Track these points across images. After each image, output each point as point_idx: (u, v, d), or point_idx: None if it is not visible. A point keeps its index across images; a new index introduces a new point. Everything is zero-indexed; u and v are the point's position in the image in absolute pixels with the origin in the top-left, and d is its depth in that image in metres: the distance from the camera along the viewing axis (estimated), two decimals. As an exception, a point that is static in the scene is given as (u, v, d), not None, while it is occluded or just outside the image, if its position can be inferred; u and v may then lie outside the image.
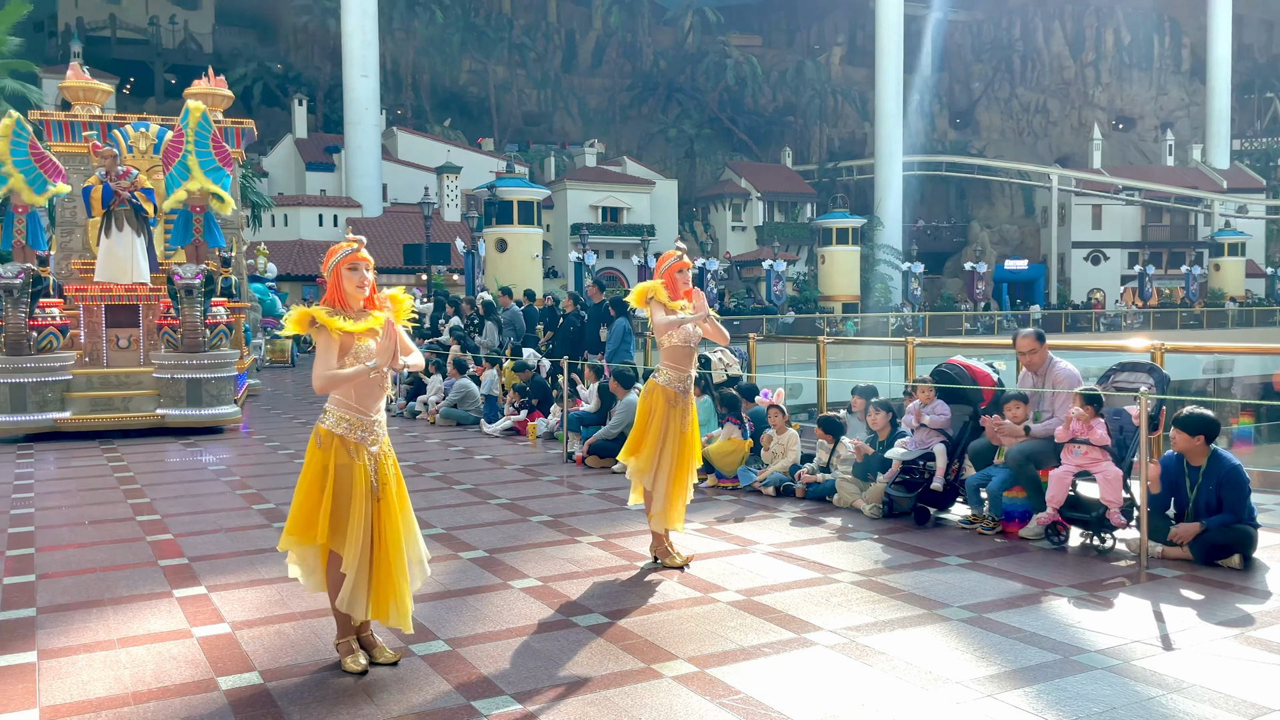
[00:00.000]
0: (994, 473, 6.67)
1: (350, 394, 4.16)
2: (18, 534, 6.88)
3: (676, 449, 5.75)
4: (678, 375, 5.79)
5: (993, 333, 42.90)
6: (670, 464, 5.74)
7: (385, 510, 4.19)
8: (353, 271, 4.15)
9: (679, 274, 5.83)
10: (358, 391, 4.16)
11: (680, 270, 5.83)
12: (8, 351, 11.76)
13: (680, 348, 5.79)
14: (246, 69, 56.16)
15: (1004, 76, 73.56)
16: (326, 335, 4.07)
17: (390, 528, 4.19)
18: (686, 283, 5.87)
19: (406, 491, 4.36)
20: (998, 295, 55.61)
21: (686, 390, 5.82)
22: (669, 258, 5.89)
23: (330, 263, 4.20)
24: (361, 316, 4.19)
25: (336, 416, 4.16)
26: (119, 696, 3.98)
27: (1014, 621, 4.77)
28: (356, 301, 4.19)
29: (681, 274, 5.84)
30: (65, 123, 14.55)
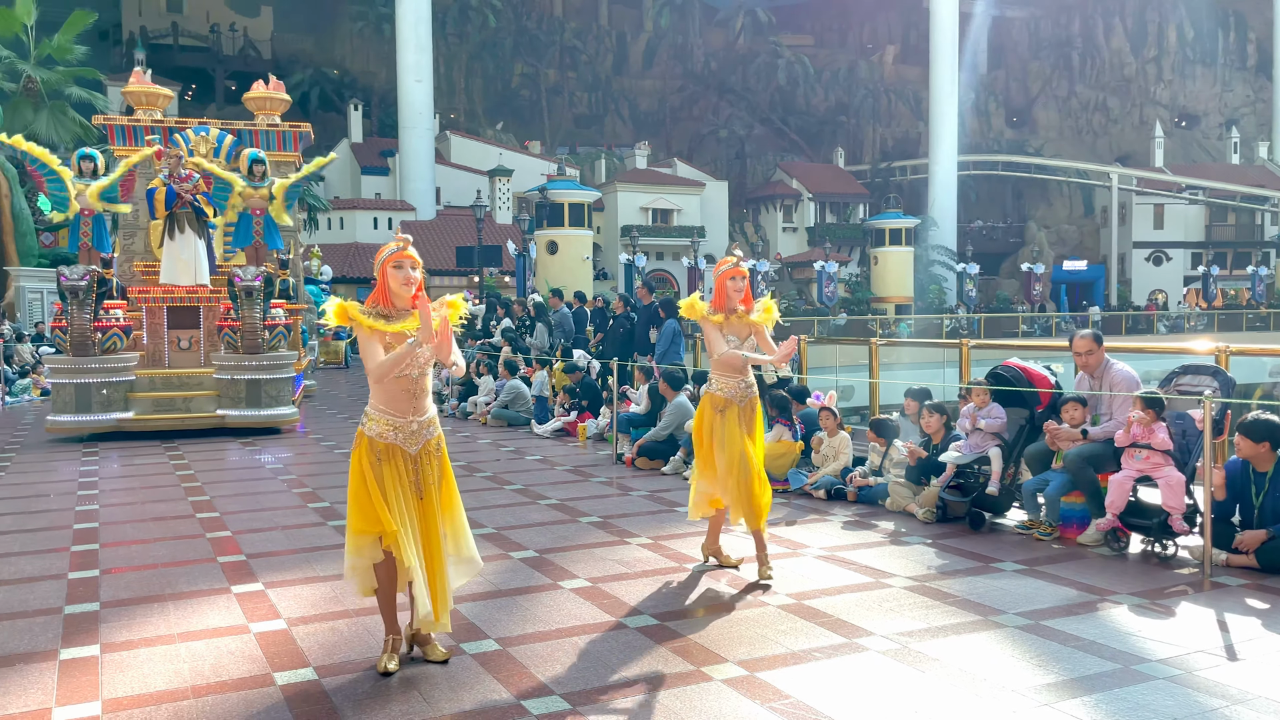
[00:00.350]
0: (1051, 477, 6.55)
1: (381, 397, 4.20)
2: (83, 530, 7.07)
3: (736, 451, 5.57)
4: (727, 383, 5.67)
5: (1050, 335, 42.12)
6: (731, 466, 5.57)
7: (426, 511, 4.22)
8: (397, 269, 4.16)
9: (730, 280, 5.66)
10: (388, 395, 4.18)
11: (732, 277, 5.66)
12: (73, 352, 11.99)
13: (726, 360, 5.68)
14: (304, 75, 57.10)
15: (1062, 74, 72.19)
16: (363, 330, 4.14)
17: (432, 529, 4.21)
18: (740, 290, 5.68)
19: (455, 492, 4.38)
20: (1056, 296, 54.57)
21: (743, 397, 5.66)
22: (726, 263, 5.73)
23: (378, 260, 4.24)
24: (403, 316, 4.22)
25: (369, 419, 4.21)
26: (178, 690, 4.06)
27: (1072, 629, 4.68)
28: (401, 300, 4.21)
29: (733, 281, 5.66)
30: (128, 127, 14.87)
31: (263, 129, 15.50)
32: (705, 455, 5.71)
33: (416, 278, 4.20)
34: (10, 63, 27.91)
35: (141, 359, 12.89)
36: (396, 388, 4.17)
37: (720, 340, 5.67)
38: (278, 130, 15.60)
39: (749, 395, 5.71)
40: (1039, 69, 72.64)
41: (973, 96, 66.90)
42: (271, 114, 15.82)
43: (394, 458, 4.17)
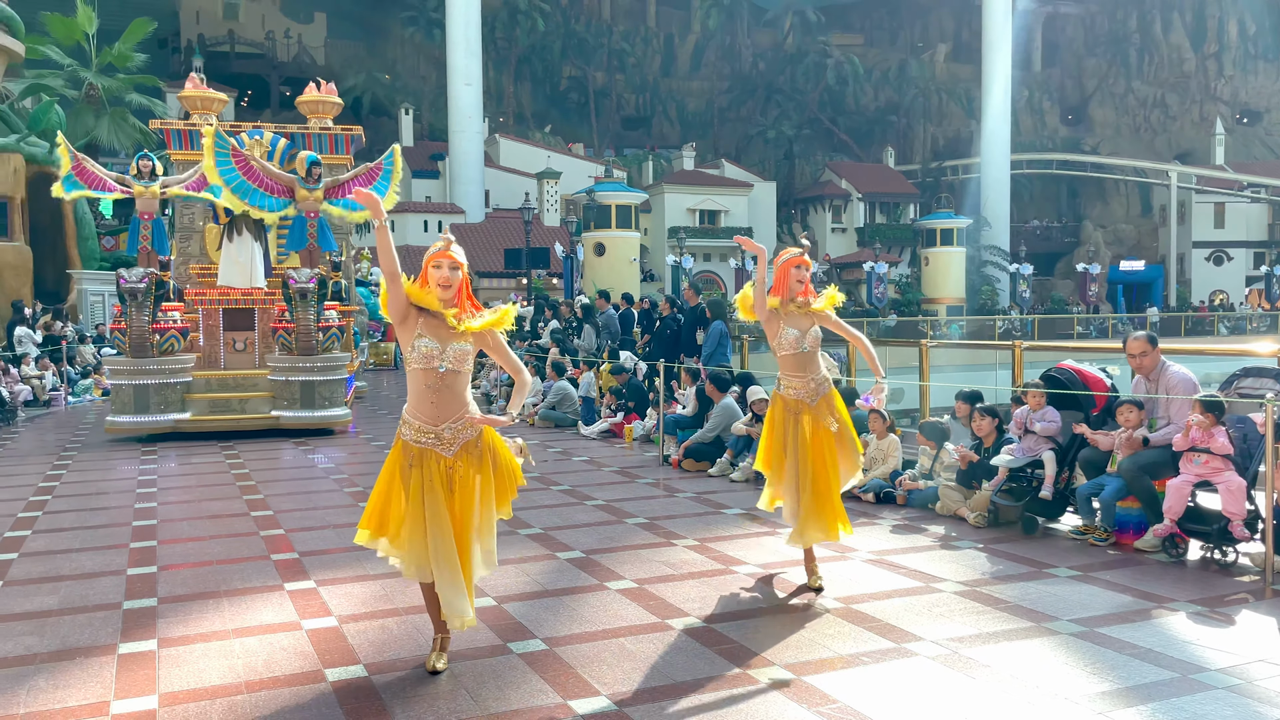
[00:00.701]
0: (1107, 482, 6.42)
1: (412, 402, 4.21)
2: (141, 527, 7.23)
3: (805, 460, 5.35)
4: (791, 383, 5.43)
5: (1106, 336, 41.29)
6: (798, 476, 5.36)
7: (463, 510, 4.19)
8: (436, 269, 4.16)
9: (794, 270, 5.39)
10: (414, 398, 4.19)
11: (796, 266, 5.40)
12: (132, 354, 12.16)
13: (789, 355, 5.40)
14: (356, 80, 57.93)
15: (1119, 70, 70.78)
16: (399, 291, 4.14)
17: (465, 526, 4.19)
18: (802, 281, 5.41)
19: (491, 496, 4.31)
20: (1112, 297, 53.53)
21: (815, 395, 5.39)
22: (785, 254, 5.48)
23: (423, 260, 4.27)
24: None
25: (403, 423, 4.24)
26: (232, 685, 4.14)
27: (1127, 637, 4.58)
28: (443, 299, 4.19)
29: (797, 270, 5.39)
30: (184, 131, 15.10)
31: (315, 132, 15.67)
32: (775, 462, 5.48)
33: (457, 278, 4.17)
34: (73, 70, 28.67)
35: (198, 360, 13.07)
36: (421, 384, 4.14)
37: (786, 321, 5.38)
38: (330, 133, 15.75)
39: (821, 392, 5.44)
40: (1095, 65, 71.29)
41: (1026, 94, 65.86)
42: (324, 117, 15.99)
43: (426, 462, 4.16)
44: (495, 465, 4.31)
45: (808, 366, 5.42)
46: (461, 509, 4.18)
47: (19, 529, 7.20)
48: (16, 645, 4.64)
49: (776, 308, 5.42)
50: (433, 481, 4.14)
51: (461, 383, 4.21)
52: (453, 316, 4.15)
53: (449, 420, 4.18)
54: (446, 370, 4.14)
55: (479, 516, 4.23)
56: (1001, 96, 56.28)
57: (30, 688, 4.12)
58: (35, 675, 4.26)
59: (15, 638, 4.75)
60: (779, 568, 5.88)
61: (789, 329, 5.38)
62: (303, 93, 16.29)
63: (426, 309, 4.15)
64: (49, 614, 5.12)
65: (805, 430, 5.37)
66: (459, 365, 4.17)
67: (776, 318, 5.41)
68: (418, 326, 4.14)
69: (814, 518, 5.35)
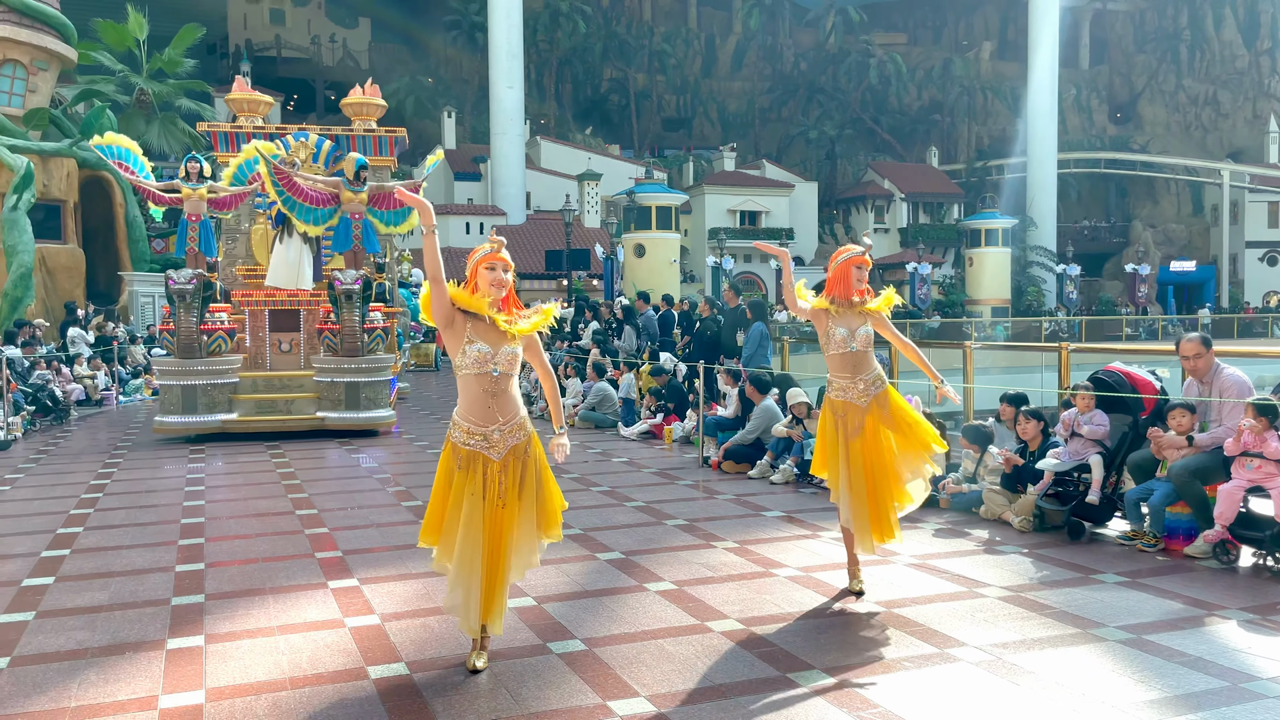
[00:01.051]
0: (1156, 486, 6.30)
1: (464, 403, 4.17)
2: (189, 525, 7.36)
3: (859, 464, 5.21)
4: (840, 385, 5.29)
5: (1156, 338, 40.53)
6: (852, 480, 5.20)
7: (505, 519, 4.16)
8: (489, 270, 4.14)
9: (855, 269, 5.29)
10: (469, 401, 4.15)
11: (858, 265, 5.29)
12: (180, 354, 12.26)
13: (837, 355, 5.28)
14: (399, 83, 58.51)
15: (1169, 68, 69.44)
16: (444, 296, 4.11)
17: (503, 536, 4.16)
18: (862, 280, 5.31)
19: (546, 487, 4.31)
20: (1162, 298, 52.50)
21: (865, 396, 5.24)
22: (844, 251, 5.37)
23: (471, 260, 4.24)
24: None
25: (454, 425, 4.21)
26: (277, 681, 4.20)
27: (1177, 644, 4.49)
28: (492, 297, 4.17)
29: (859, 270, 5.29)
30: (231, 133, 15.19)
31: (359, 134, 15.75)
32: (832, 469, 5.33)
33: (508, 280, 4.18)
34: (124, 76, 29.25)
35: (244, 362, 13.18)
36: (477, 388, 4.12)
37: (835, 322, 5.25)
38: (374, 135, 15.80)
39: (873, 392, 5.25)
40: (1144, 62, 70.02)
41: (1074, 92, 64.85)
42: (368, 119, 16.05)
43: (474, 465, 4.14)
44: (540, 480, 4.28)
45: (858, 367, 5.27)
46: (505, 516, 4.16)
47: (71, 525, 7.36)
48: (69, 639, 4.74)
49: (826, 307, 5.30)
50: (476, 486, 4.12)
51: (513, 385, 4.22)
52: (503, 320, 4.13)
53: (500, 423, 4.17)
54: (500, 374, 4.13)
55: (519, 526, 4.20)
56: (1048, 94, 55.47)
57: (82, 681, 4.21)
58: (87, 669, 4.35)
59: (67, 632, 4.86)
60: (819, 571, 5.84)
61: (837, 328, 5.27)
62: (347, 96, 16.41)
63: (473, 313, 4.13)
64: (100, 609, 5.23)
65: (857, 435, 5.22)
66: (510, 368, 4.17)
67: (825, 316, 5.30)
68: (466, 331, 4.11)
69: (875, 523, 5.22)
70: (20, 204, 21.62)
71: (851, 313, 5.30)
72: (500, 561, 4.16)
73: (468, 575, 4.10)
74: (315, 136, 14.53)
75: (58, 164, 24.09)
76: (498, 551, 4.15)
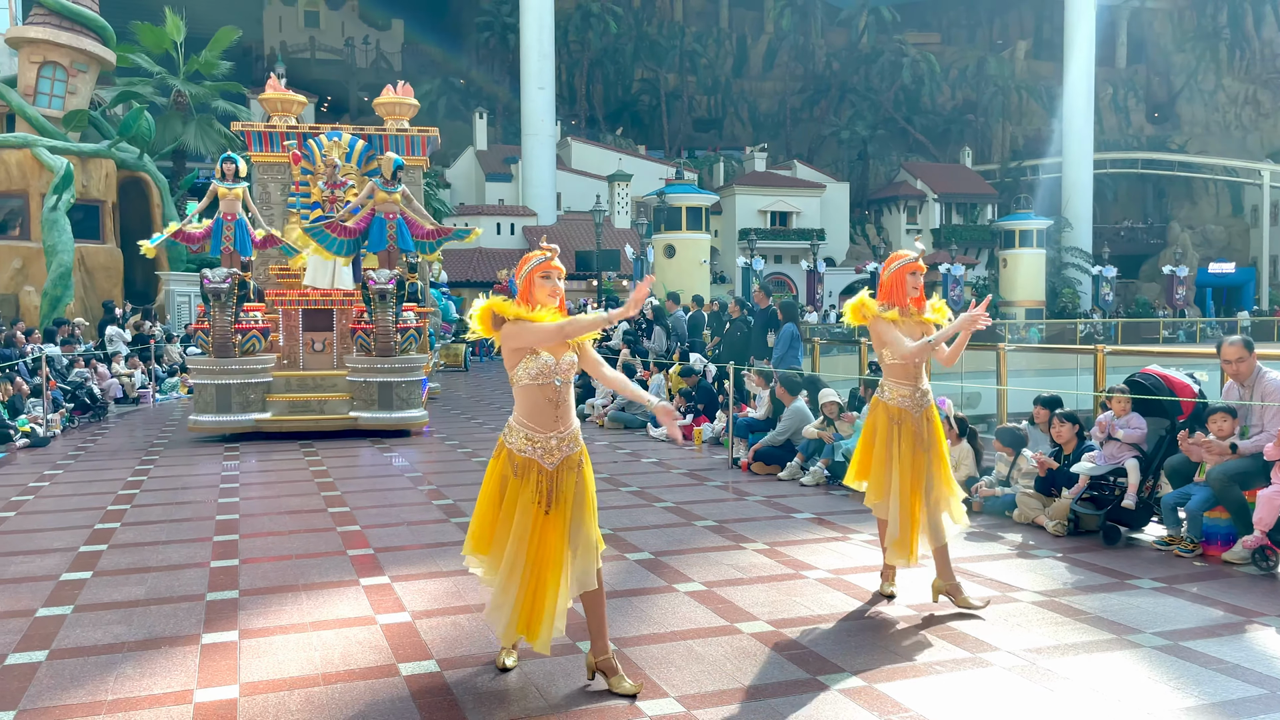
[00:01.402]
0: (1193, 491, 6.21)
1: (524, 408, 4.07)
2: (224, 521, 7.45)
3: (910, 473, 5.14)
4: (902, 391, 5.20)
5: (1194, 341, 39.93)
6: (903, 489, 5.12)
7: (552, 527, 4.02)
8: (545, 279, 4.07)
9: (910, 276, 5.22)
10: (531, 406, 4.06)
11: (911, 272, 5.22)
12: (215, 354, 12.33)
13: (900, 365, 5.22)
14: (432, 85, 58.86)
15: (1208, 67, 68.36)
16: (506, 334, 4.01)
17: (553, 547, 4.02)
18: (917, 287, 5.24)
19: (589, 508, 4.13)
20: (1200, 301, 51.71)
21: (918, 407, 5.19)
22: (898, 258, 5.27)
23: (523, 270, 4.11)
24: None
25: (510, 430, 4.11)
26: (310, 677, 4.23)
27: (1214, 651, 4.42)
28: (547, 305, 4.08)
29: (913, 276, 5.22)
30: (265, 133, 15.30)
31: (392, 134, 15.84)
32: (877, 474, 5.22)
33: (561, 288, 4.11)
34: (161, 78, 29.64)
35: (277, 361, 13.17)
36: (540, 397, 4.04)
37: (901, 338, 5.15)
38: (406, 135, 15.87)
39: (925, 404, 5.23)
40: (1183, 61, 68.99)
41: (1110, 91, 64.06)
42: (400, 119, 16.09)
43: (529, 473, 4.03)
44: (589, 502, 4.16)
45: (917, 376, 5.24)
46: (554, 525, 4.02)
47: (109, 521, 7.47)
48: (106, 634, 4.81)
49: (896, 319, 5.22)
50: (529, 495, 4.02)
51: (571, 392, 4.18)
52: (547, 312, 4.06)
53: (559, 431, 4.08)
54: (562, 383, 4.08)
55: (577, 536, 4.06)
56: (1084, 94, 54.80)
57: (118, 675, 4.27)
58: (123, 663, 4.41)
59: (105, 626, 4.93)
60: (850, 573, 5.81)
61: (905, 339, 5.19)
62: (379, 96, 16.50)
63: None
64: (136, 604, 5.30)
65: (907, 442, 5.16)
66: (570, 376, 4.13)
67: (893, 326, 5.22)
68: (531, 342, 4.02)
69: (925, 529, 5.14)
70: (60, 204, 21.98)
71: (912, 322, 5.28)
72: (546, 574, 4.01)
73: (512, 585, 3.99)
74: (348, 136, 14.62)
75: (97, 165, 24.46)
76: (544, 564, 4.01)
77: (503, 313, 4.01)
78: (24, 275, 22.44)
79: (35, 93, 24.32)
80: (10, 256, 22.48)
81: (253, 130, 15.45)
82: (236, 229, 12.70)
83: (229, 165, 12.81)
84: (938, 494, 5.18)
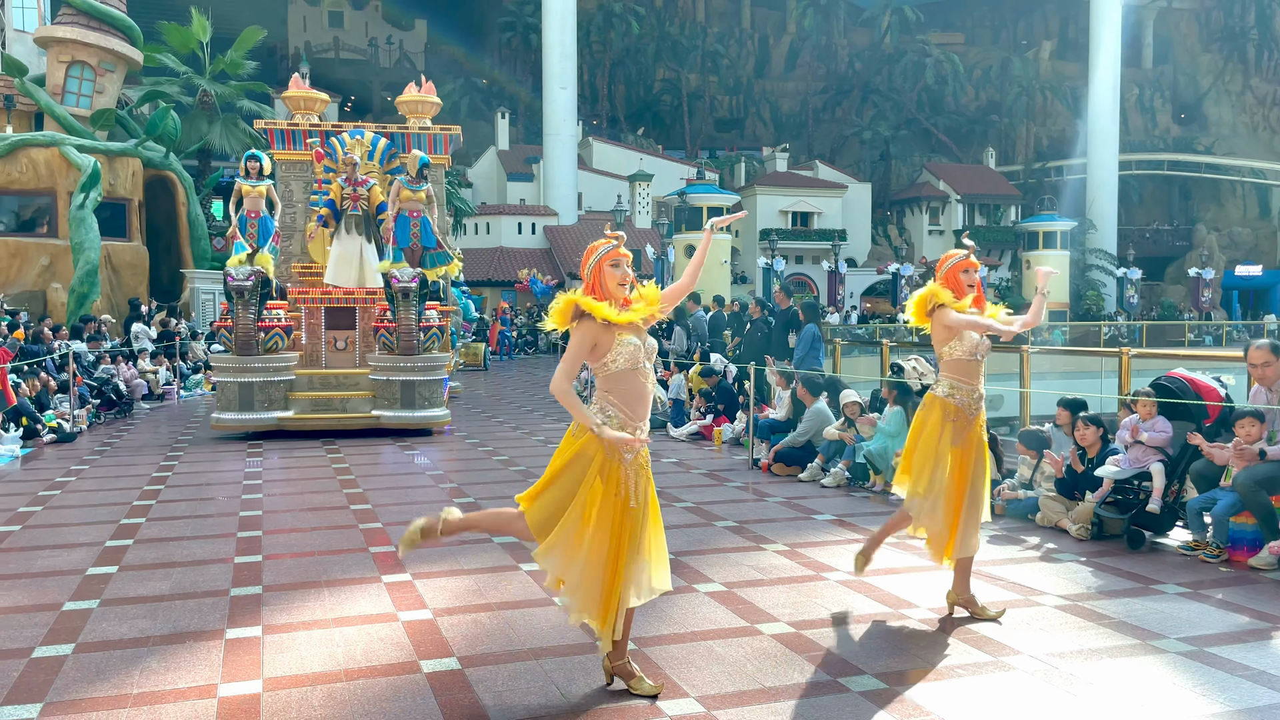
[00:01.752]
0: (1219, 496, 6.15)
1: (619, 396, 3.91)
2: (248, 518, 7.51)
3: (958, 474, 5.03)
4: (961, 389, 5.07)
5: (1220, 344, 39.51)
6: (949, 489, 5.00)
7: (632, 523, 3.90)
8: (615, 268, 3.94)
9: (964, 273, 5.14)
10: (627, 394, 3.92)
11: (965, 270, 5.14)
12: (238, 351, 12.32)
13: (965, 361, 5.07)
14: (454, 85, 59.07)
15: (1236, 67, 67.63)
16: (586, 330, 3.86)
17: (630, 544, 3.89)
18: (973, 283, 5.15)
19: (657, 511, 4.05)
20: (1226, 304, 51.17)
21: (973, 409, 5.07)
22: (952, 256, 5.21)
23: (590, 260, 3.98)
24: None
25: (600, 412, 3.91)
26: (332, 673, 4.26)
27: (1240, 658, 4.38)
28: (619, 299, 3.96)
29: (967, 273, 5.14)
30: (288, 131, 15.32)
31: (414, 132, 15.84)
32: (921, 468, 5.07)
33: (631, 274, 4.01)
34: (188, 78, 29.89)
35: (300, 359, 13.14)
36: (635, 381, 3.91)
37: (979, 317, 5.02)
38: (429, 133, 15.85)
39: (979, 409, 5.10)
40: (1210, 62, 68.28)
41: (1136, 92, 63.48)
42: (423, 117, 16.05)
43: (612, 470, 3.88)
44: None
45: (977, 376, 5.13)
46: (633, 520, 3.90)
47: (134, 516, 7.55)
48: (131, 628, 4.86)
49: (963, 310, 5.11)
50: (613, 489, 3.88)
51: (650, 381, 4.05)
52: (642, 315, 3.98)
53: (644, 419, 3.99)
54: (649, 366, 3.98)
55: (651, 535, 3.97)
56: (1110, 94, 54.34)
57: (144, 669, 4.32)
58: (148, 657, 4.46)
59: (130, 620, 4.98)
60: (871, 575, 5.79)
61: (970, 333, 5.08)
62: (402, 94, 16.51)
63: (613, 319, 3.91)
64: (161, 598, 5.36)
65: (962, 441, 5.04)
66: (652, 359, 4.03)
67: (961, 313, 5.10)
68: (613, 332, 3.90)
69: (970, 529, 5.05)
70: (87, 202, 22.21)
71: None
72: (620, 566, 3.89)
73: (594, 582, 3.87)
74: (370, 134, 14.60)
75: (123, 163, 24.69)
76: (619, 556, 3.88)
77: (594, 312, 3.85)
78: (52, 272, 22.68)
79: (63, 92, 24.60)
80: (38, 254, 22.73)
81: (275, 128, 15.50)
82: (260, 226, 12.76)
83: (253, 163, 12.90)
84: (976, 505, 5.06)
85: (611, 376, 3.92)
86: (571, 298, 3.90)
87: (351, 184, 13.57)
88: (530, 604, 5.22)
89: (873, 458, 8.63)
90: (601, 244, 4.03)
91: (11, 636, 4.74)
